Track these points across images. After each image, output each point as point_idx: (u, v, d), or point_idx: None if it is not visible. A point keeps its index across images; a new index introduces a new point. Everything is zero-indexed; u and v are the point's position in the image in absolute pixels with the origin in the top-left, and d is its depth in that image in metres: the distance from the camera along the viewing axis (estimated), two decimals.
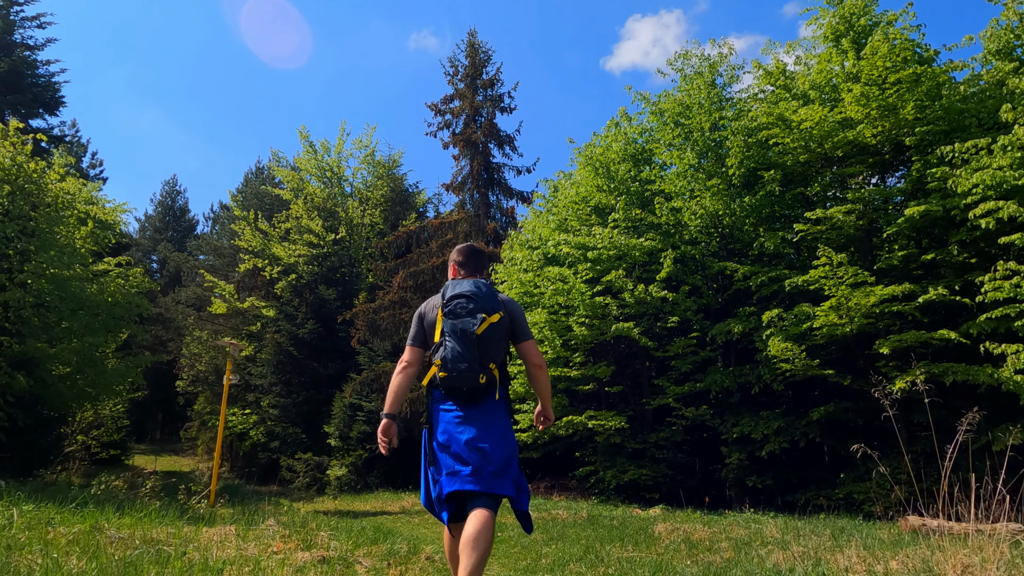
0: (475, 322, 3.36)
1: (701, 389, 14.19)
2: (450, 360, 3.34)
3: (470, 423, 3.39)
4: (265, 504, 12.43)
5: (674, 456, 14.78)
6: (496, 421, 3.46)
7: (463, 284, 3.50)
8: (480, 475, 3.29)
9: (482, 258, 3.84)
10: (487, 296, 3.46)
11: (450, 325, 3.38)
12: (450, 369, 3.33)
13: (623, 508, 13.03)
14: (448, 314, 3.41)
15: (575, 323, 14.12)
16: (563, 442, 17.35)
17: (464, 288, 3.46)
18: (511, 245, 16.80)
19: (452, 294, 3.46)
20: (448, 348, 3.35)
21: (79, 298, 15.78)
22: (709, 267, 14.46)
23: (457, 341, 3.34)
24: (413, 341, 3.59)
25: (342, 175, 28.30)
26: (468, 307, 3.40)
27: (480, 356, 3.36)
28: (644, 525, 8.39)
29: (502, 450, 3.39)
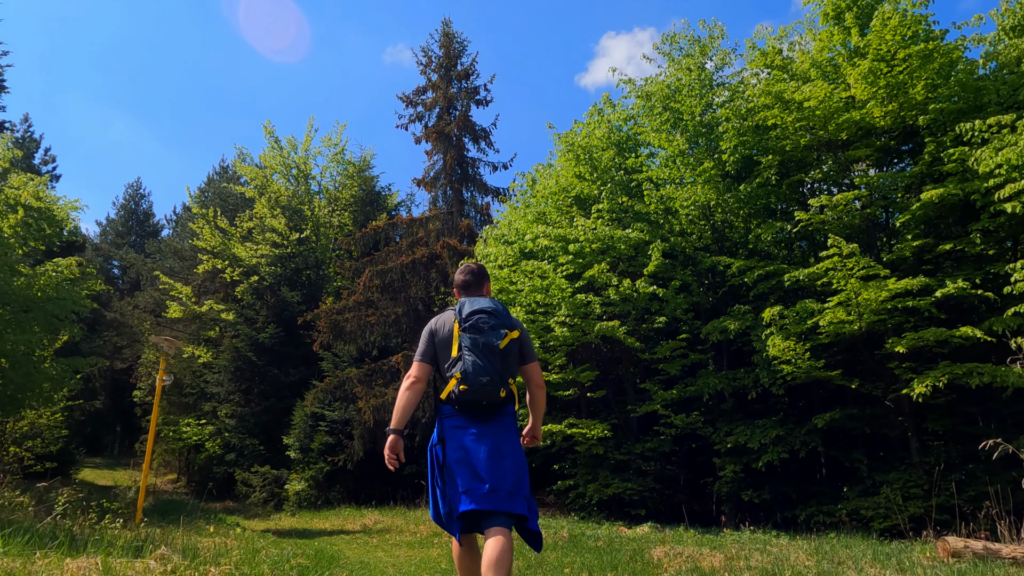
0: (499, 337, 3.40)
1: (692, 394, 12.98)
2: (471, 373, 3.34)
3: (486, 440, 3.40)
4: (203, 523, 10.96)
5: (662, 468, 13.54)
6: (510, 438, 3.48)
7: (482, 301, 3.53)
8: (497, 494, 3.29)
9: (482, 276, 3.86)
10: (505, 314, 3.54)
11: (471, 340, 3.39)
12: (471, 382, 3.34)
13: (607, 526, 11.75)
14: (469, 328, 3.42)
15: (555, 323, 12.87)
16: (540, 453, 16.03)
17: (484, 304, 3.50)
18: (485, 240, 15.55)
19: (472, 309, 3.48)
20: (469, 362, 3.36)
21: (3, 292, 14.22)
22: (700, 262, 13.30)
23: (479, 355, 3.37)
24: (423, 357, 3.56)
25: (309, 173, 26.87)
26: (491, 322, 3.43)
27: (502, 371, 3.40)
28: (637, 548, 7.11)
29: (517, 468, 3.41)
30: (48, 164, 31.40)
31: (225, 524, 11.87)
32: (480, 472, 3.34)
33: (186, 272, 29.62)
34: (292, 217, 24.75)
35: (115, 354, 31.24)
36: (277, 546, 7.28)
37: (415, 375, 3.52)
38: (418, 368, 3.54)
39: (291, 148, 27.29)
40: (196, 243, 25.68)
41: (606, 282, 12.62)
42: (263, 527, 15.32)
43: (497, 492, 3.31)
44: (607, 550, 7.33)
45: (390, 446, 3.48)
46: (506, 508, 3.30)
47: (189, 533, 8.92)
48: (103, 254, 45.29)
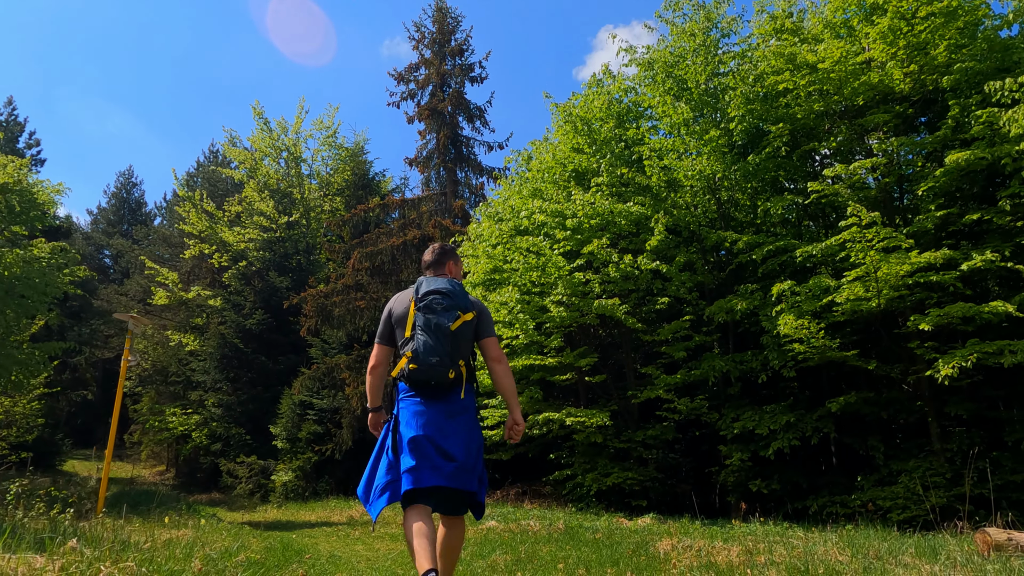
0: (451, 319, 3.42)
1: (696, 378, 12.23)
2: (422, 353, 3.38)
3: (440, 417, 3.44)
4: (173, 514, 10.23)
5: (664, 457, 12.82)
6: (464, 417, 3.50)
7: (438, 281, 3.54)
8: (446, 471, 3.34)
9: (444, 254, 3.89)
10: (462, 295, 3.54)
11: (424, 319, 3.42)
12: (421, 362, 3.37)
13: (607, 517, 11.03)
14: (423, 308, 3.43)
15: (551, 303, 12.12)
16: (536, 442, 15.31)
17: (440, 285, 3.50)
18: (479, 218, 14.79)
19: (428, 289, 3.48)
20: (420, 341, 3.40)
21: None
22: (705, 238, 12.53)
23: (431, 335, 3.40)
24: (380, 339, 3.66)
25: (300, 156, 26.08)
26: (444, 303, 3.44)
27: (452, 352, 3.42)
28: (640, 541, 6.38)
29: (469, 446, 3.46)
30: (32, 148, 30.60)
31: (200, 516, 11.15)
32: (433, 449, 3.37)
33: (175, 259, 28.85)
34: (281, 201, 23.98)
35: (102, 343, 30.45)
36: (240, 538, 6.56)
37: (374, 359, 3.66)
38: (377, 352, 3.67)
39: (281, 131, 26.52)
40: (182, 227, 24.92)
41: (606, 259, 11.86)
42: (246, 519, 14.62)
43: (450, 470, 3.35)
44: (607, 543, 6.60)
45: (372, 423, 3.72)
46: (457, 485, 3.36)
47: (153, 525, 8.20)
48: (94, 243, 44.49)
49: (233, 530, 8.53)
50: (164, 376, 24.35)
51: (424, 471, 3.33)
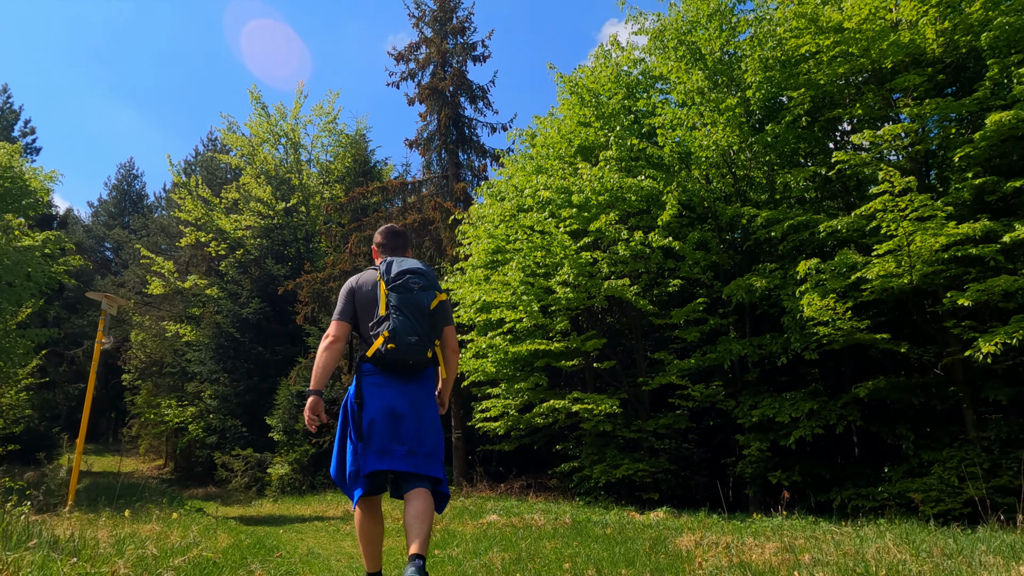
0: (430, 298, 3.39)
1: (712, 363, 11.49)
2: (400, 332, 3.28)
3: (406, 400, 3.37)
4: (152, 508, 9.57)
5: (677, 447, 12.10)
6: (430, 401, 3.47)
7: (410, 261, 3.49)
8: (414, 456, 3.30)
9: (406, 239, 3.85)
10: (434, 276, 3.51)
11: (400, 299, 3.33)
12: (400, 341, 3.28)
13: (617, 511, 10.32)
14: (399, 288, 3.35)
15: (557, 284, 11.40)
16: (542, 433, 14.63)
17: (414, 264, 3.45)
18: (480, 197, 14.08)
19: (402, 269, 3.41)
20: (398, 321, 3.30)
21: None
22: (721, 214, 11.78)
23: (409, 314, 3.32)
24: (342, 316, 3.53)
25: (299, 142, 25.38)
26: (421, 283, 3.39)
27: (429, 332, 3.39)
28: (658, 536, 5.67)
29: (434, 431, 3.42)
30: (27, 136, 30.00)
31: (183, 510, 10.50)
32: (399, 433, 3.31)
33: (173, 249, 28.24)
34: (279, 187, 23.28)
35: None
36: (208, 534, 5.88)
37: (334, 334, 3.47)
38: (336, 327, 3.49)
39: (280, 116, 25.81)
40: (177, 214, 24.26)
41: (615, 236, 11.13)
42: (239, 513, 13.97)
43: (415, 454, 3.30)
44: (619, 539, 5.89)
45: (310, 407, 3.40)
46: (424, 471, 3.30)
47: (123, 520, 7.53)
48: (95, 235, 43.95)
49: (209, 525, 7.86)
50: (160, 367, 23.73)
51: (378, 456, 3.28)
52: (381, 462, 3.27)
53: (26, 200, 20.84)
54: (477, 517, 9.62)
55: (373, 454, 3.28)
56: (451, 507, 11.09)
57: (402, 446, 3.29)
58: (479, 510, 10.42)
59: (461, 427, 16.50)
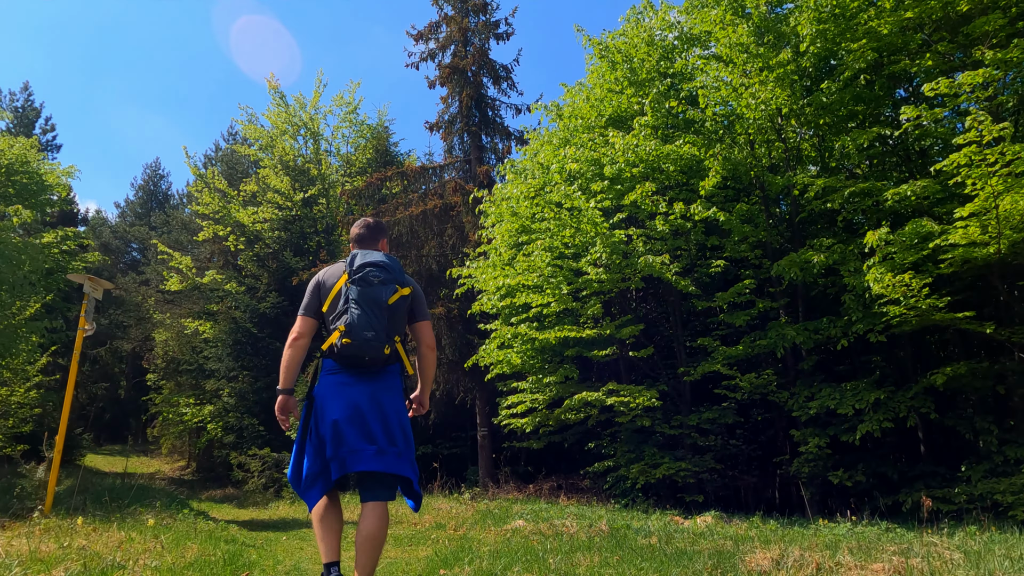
0: (388, 292, 3.23)
1: (761, 351, 10.34)
2: (356, 327, 3.15)
3: (371, 398, 3.24)
4: (144, 512, 8.69)
5: (724, 444, 10.95)
6: (396, 398, 3.33)
7: (375, 254, 3.35)
8: (385, 455, 3.18)
9: (379, 231, 3.69)
10: (399, 270, 3.36)
11: (359, 292, 3.20)
12: (355, 336, 3.14)
13: (658, 516, 9.23)
14: (359, 281, 3.23)
15: (588, 264, 10.33)
16: (573, 430, 13.56)
17: (377, 257, 3.31)
18: (503, 176, 13.07)
19: (364, 261, 3.28)
20: (354, 315, 3.17)
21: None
22: (769, 185, 10.60)
23: (366, 308, 3.18)
24: (306, 311, 3.40)
25: (318, 132, 24.59)
26: (381, 276, 3.25)
27: (388, 327, 3.22)
28: (719, 551, 4.59)
29: (403, 429, 3.29)
30: (48, 133, 29.70)
31: (183, 513, 9.61)
32: (368, 432, 3.19)
33: (195, 245, 27.67)
34: (298, 178, 22.46)
35: (121, 333, 29.39)
36: (181, 542, 4.94)
37: (297, 331, 3.37)
38: (300, 323, 3.38)
39: (299, 106, 25.05)
40: (194, 208, 23.62)
41: (651, 210, 10.04)
42: (249, 516, 13.12)
43: (386, 453, 3.18)
44: (670, 553, 4.82)
45: (280, 407, 3.37)
46: (395, 470, 3.19)
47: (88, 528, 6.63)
48: (121, 236, 43.81)
49: (193, 531, 6.93)
50: (177, 365, 23.10)
51: (347, 457, 3.16)
52: (353, 464, 3.13)
53: (43, 197, 20.38)
54: (501, 522, 8.60)
55: (345, 455, 3.15)
56: (473, 510, 10.09)
57: (372, 445, 3.16)
58: (504, 514, 9.40)
59: (486, 425, 15.50)
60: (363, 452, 3.15)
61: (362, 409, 3.20)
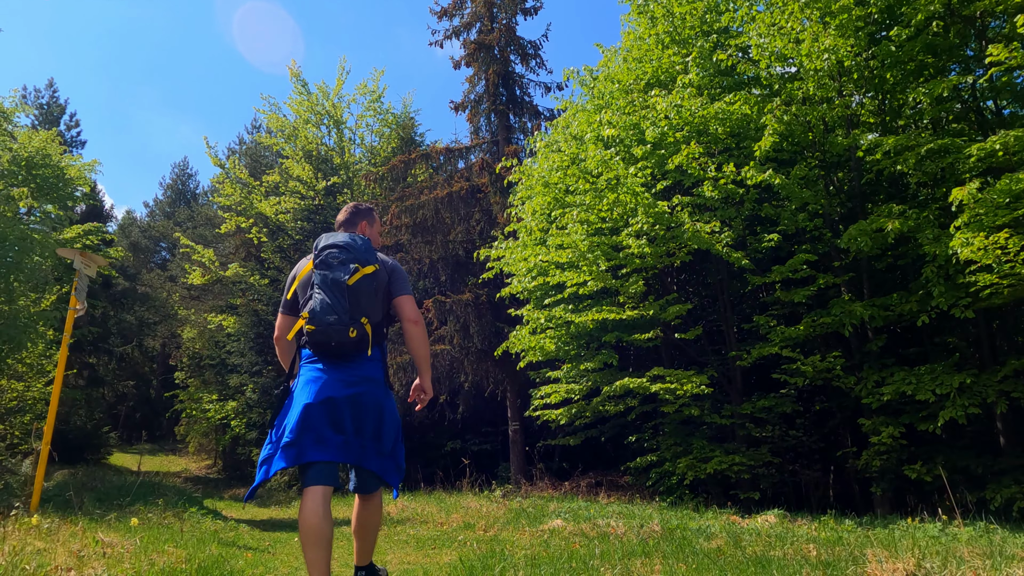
0: (347, 272, 3.08)
1: (824, 330, 9.27)
2: (318, 312, 3.03)
3: (345, 387, 3.07)
4: (143, 510, 7.94)
5: (782, 435, 9.91)
6: (366, 387, 3.13)
7: (337, 235, 3.25)
8: (334, 444, 3.01)
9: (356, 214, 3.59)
10: (362, 248, 3.19)
11: (320, 276, 3.09)
12: (318, 322, 3.02)
13: (712, 514, 8.24)
14: (319, 265, 3.13)
15: (629, 235, 9.36)
16: (611, 422, 12.61)
17: (338, 239, 3.20)
18: (532, 150, 12.15)
19: (325, 244, 3.19)
20: (317, 300, 3.05)
21: None
22: (830, 147, 9.53)
23: (327, 292, 3.05)
24: (282, 308, 3.41)
25: (341, 120, 23.87)
26: (340, 257, 3.13)
27: (351, 309, 3.07)
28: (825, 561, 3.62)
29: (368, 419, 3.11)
30: (72, 129, 29.47)
31: (190, 511, 8.86)
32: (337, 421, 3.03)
33: (219, 240, 27.21)
34: (320, 166, 21.76)
35: (147, 330, 29.02)
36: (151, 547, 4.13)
37: (277, 330, 3.38)
38: (279, 322, 3.39)
39: (323, 95, 24.33)
40: (215, 199, 23.06)
41: (699, 174, 9.04)
42: (267, 515, 12.41)
43: (350, 445, 3.04)
44: (748, 560, 3.87)
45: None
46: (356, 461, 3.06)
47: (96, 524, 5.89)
48: (151, 235, 43.74)
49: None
50: (200, 361, 22.58)
51: (307, 446, 2.96)
52: (316, 451, 2.97)
53: (65, 189, 19.97)
54: (537, 522, 7.69)
55: (307, 444, 2.98)
56: (505, 509, 9.19)
57: (339, 435, 3.03)
58: (539, 513, 8.48)
59: (518, 418, 14.60)
60: (329, 441, 2.99)
61: (334, 397, 3.04)
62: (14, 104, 18.84)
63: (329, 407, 3.03)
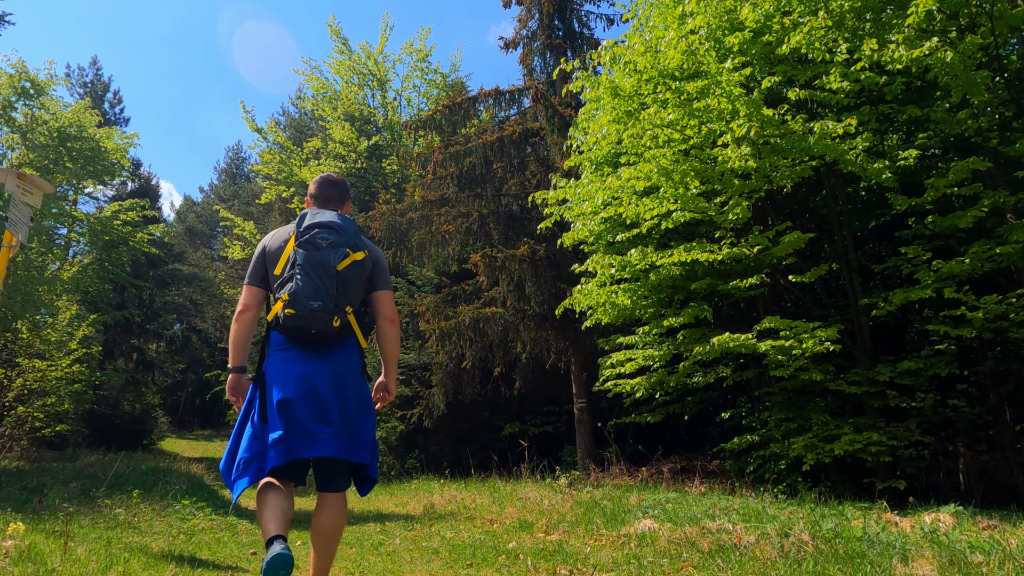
0: (338, 256, 2.76)
1: (995, 268, 6.94)
2: (301, 296, 2.71)
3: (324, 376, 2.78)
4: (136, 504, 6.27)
5: (936, 406, 7.61)
6: (353, 376, 2.86)
7: (325, 213, 2.89)
8: (339, 439, 2.72)
9: (343, 191, 3.17)
10: (353, 232, 2.88)
11: (305, 256, 2.75)
12: (299, 307, 2.72)
13: (851, 507, 6.05)
14: (305, 244, 2.77)
15: (728, 142, 7.20)
16: (697, 396, 10.49)
17: (326, 218, 2.84)
18: (596, 66, 10.04)
19: (312, 223, 2.82)
20: (299, 282, 2.73)
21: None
22: (1003, 18, 7.12)
23: (312, 275, 2.73)
24: (251, 279, 2.95)
25: (385, 79, 22.15)
26: (330, 239, 2.79)
27: (337, 296, 2.76)
28: None
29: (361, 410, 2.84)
30: (116, 106, 28.63)
31: (180, 503, 7.18)
32: (323, 413, 2.73)
33: (261, 214, 25.97)
34: (363, 127, 20.10)
35: (194, 310, 28.05)
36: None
37: (243, 303, 2.92)
38: (246, 294, 2.94)
39: (366, 56, 22.66)
40: (254, 168, 21.70)
41: (823, 55, 6.78)
42: (307, 506, 10.78)
43: (340, 437, 2.72)
44: None
45: (230, 388, 2.95)
46: (350, 456, 2.73)
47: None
48: (205, 220, 43.25)
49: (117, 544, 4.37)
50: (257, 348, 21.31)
51: (295, 441, 2.67)
52: (305, 448, 2.64)
53: (101, 163, 18.87)
54: (618, 522, 5.69)
55: (295, 439, 2.65)
56: (572, 501, 7.22)
57: (327, 428, 2.69)
58: (618, 508, 6.46)
59: (584, 394, 12.58)
60: (318, 436, 2.66)
61: (316, 387, 2.72)
62: (49, 77, 17.75)
63: (317, 399, 2.71)
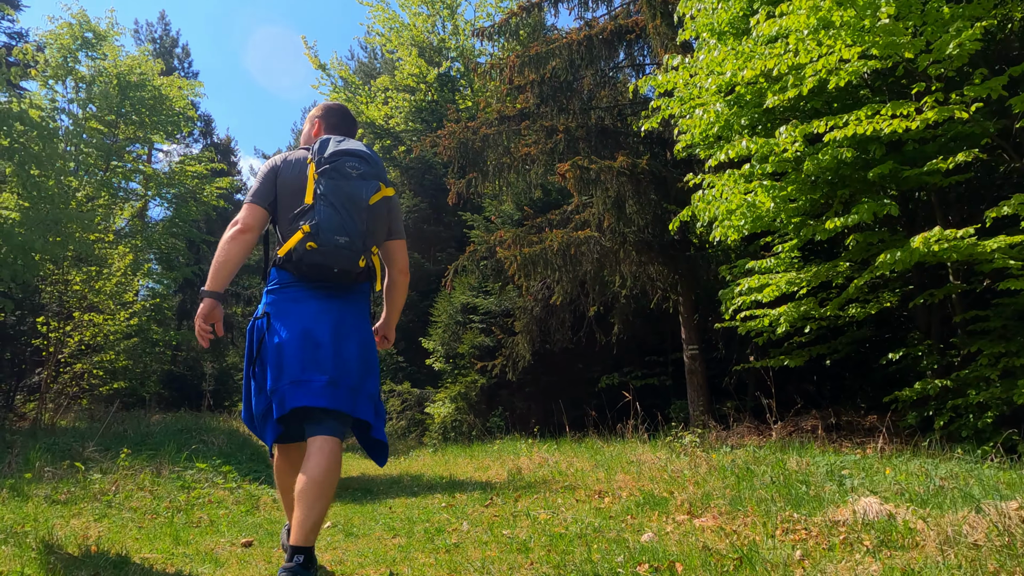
0: (370, 189, 2.43)
1: None
2: (325, 229, 2.34)
3: (330, 319, 2.43)
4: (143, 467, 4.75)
5: None
6: (361, 323, 2.54)
7: (351, 141, 2.53)
8: (336, 389, 2.37)
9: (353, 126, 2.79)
10: (381, 165, 2.56)
11: (333, 187, 2.39)
12: (323, 241, 2.34)
13: None
14: (331, 172, 2.40)
15: None
16: (848, 334, 8.28)
17: (355, 146, 2.49)
18: None
19: (338, 149, 2.45)
20: (325, 215, 2.36)
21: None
22: None
23: (340, 207, 2.37)
24: (256, 198, 2.50)
25: (454, 3, 20.17)
26: (361, 169, 2.44)
27: (365, 233, 2.41)
28: None
29: (364, 360, 2.49)
30: (184, 60, 27.99)
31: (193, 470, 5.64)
32: (317, 359, 2.38)
33: None
34: (433, 57, 18.23)
35: None
36: None
37: (243, 221, 2.44)
38: (248, 212, 2.46)
39: None
40: None
41: None
42: (358, 471, 9.25)
43: (337, 386, 2.37)
44: None
45: (202, 314, 2.44)
46: (345, 408, 2.37)
47: None
48: None
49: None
50: None
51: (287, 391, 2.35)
52: (294, 399, 2.32)
53: (165, 114, 17.88)
54: (812, 502, 3.67)
55: (286, 389, 2.33)
56: (707, 466, 5.23)
57: (321, 376, 2.35)
58: (795, 479, 4.43)
59: (696, 339, 10.49)
60: (310, 384, 2.32)
61: (315, 333, 2.39)
62: (110, 26, 16.70)
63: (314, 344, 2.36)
